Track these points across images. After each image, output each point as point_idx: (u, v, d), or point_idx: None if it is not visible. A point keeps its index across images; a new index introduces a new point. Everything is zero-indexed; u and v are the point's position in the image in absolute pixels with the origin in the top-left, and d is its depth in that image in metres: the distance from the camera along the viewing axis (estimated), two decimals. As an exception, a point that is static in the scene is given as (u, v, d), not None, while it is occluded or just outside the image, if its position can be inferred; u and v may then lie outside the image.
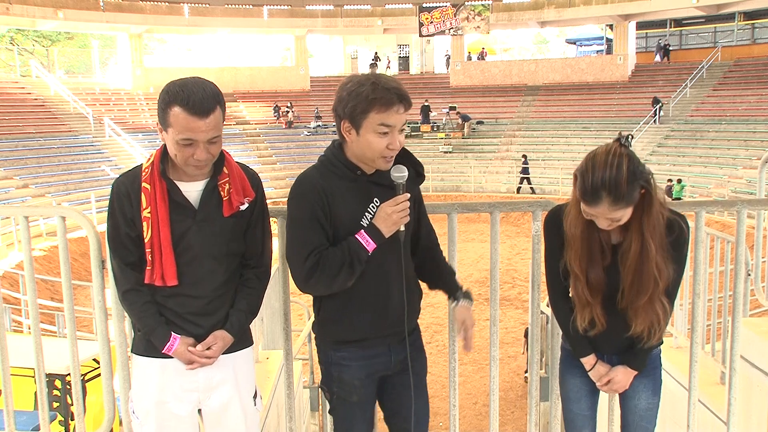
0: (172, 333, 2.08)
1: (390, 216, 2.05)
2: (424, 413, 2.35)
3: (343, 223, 2.07)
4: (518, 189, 23.26)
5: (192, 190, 2.08)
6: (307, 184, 2.10)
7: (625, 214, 2.04)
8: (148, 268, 2.04)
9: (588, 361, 2.29)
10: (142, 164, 2.09)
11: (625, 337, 2.22)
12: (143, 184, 2.03)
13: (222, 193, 2.08)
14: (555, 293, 2.33)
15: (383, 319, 2.17)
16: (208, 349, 2.09)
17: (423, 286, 2.35)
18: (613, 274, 2.16)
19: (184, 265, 2.06)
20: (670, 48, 31.34)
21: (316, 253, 2.04)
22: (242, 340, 2.21)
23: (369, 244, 2.05)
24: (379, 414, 2.44)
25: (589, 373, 2.30)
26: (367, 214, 2.09)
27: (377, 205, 2.09)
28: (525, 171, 23.29)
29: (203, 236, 2.07)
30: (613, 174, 1.97)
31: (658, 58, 31.16)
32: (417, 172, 2.20)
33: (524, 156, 23.83)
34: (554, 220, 2.24)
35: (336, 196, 2.07)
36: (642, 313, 2.14)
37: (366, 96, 1.98)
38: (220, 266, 2.10)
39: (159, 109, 1.99)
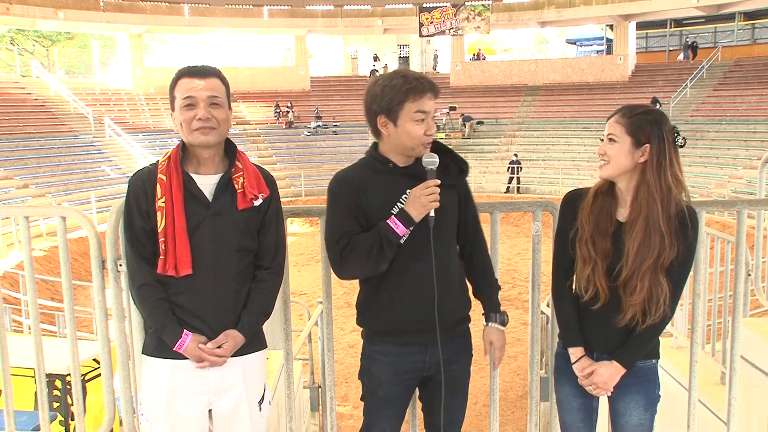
0: (184, 330, 2.07)
1: (419, 198, 2.10)
2: (458, 417, 2.36)
3: (375, 213, 2.15)
4: (507, 188, 23.03)
5: (206, 183, 2.11)
6: (340, 177, 2.23)
7: (621, 138, 2.12)
8: (161, 257, 2.04)
9: (575, 352, 2.25)
10: (158, 160, 2.13)
11: (619, 329, 2.18)
12: (159, 176, 2.07)
13: (236, 186, 2.11)
14: (558, 269, 2.30)
15: (415, 312, 2.18)
16: (219, 347, 2.09)
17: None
18: (616, 245, 2.15)
19: (195, 258, 2.07)
20: (698, 46, 30.16)
21: (346, 237, 2.15)
22: (254, 342, 2.21)
23: (398, 227, 2.11)
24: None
25: (573, 367, 2.25)
26: (399, 204, 2.16)
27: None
28: (513, 170, 23.08)
29: (216, 229, 2.08)
30: (638, 104, 2.19)
31: (681, 56, 29.89)
32: (460, 169, 2.26)
33: (515, 155, 23.62)
34: (571, 198, 2.29)
35: (368, 187, 2.16)
36: (640, 285, 2.10)
37: (400, 88, 2.11)
38: (231, 261, 2.11)
39: (169, 95, 2.12)
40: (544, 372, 5.76)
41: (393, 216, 2.12)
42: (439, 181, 2.12)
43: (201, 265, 2.08)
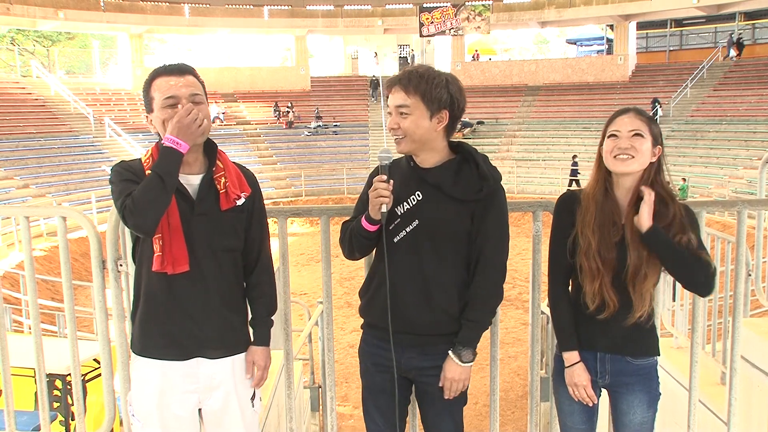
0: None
1: (369, 195, 2.12)
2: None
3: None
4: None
5: (189, 183, 2.09)
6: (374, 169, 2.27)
7: (646, 135, 2.11)
8: (158, 254, 2.02)
9: (570, 357, 2.25)
10: (140, 158, 2.12)
11: (624, 328, 2.18)
12: (147, 171, 2.04)
13: (218, 186, 2.10)
14: (555, 274, 2.28)
15: (385, 310, 2.17)
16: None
17: None
18: (621, 252, 2.15)
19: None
20: (744, 43, 28.54)
21: (347, 223, 2.30)
22: (242, 343, 2.22)
23: (365, 223, 2.16)
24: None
25: (565, 371, 2.26)
26: (405, 204, 2.15)
27: (419, 197, 2.16)
28: (574, 173, 22.55)
29: (201, 229, 2.08)
30: (639, 107, 2.23)
31: (729, 53, 28.28)
32: (480, 187, 2.14)
33: (574, 156, 22.93)
34: (567, 201, 2.27)
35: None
36: (649, 274, 2.14)
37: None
38: (216, 261, 2.11)
39: (144, 97, 2.10)
40: (545, 372, 5.76)
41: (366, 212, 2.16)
42: (384, 177, 2.09)
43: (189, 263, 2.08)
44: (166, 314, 2.08)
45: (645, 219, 2.09)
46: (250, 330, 2.28)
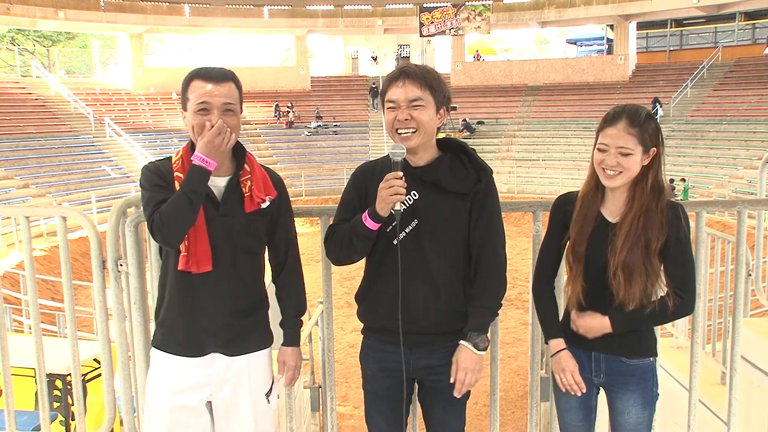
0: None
1: (379, 192, 2.05)
2: (455, 430, 2.31)
3: None
4: None
5: (215, 185, 2.12)
6: (360, 168, 2.29)
7: (635, 149, 2.10)
8: (183, 254, 2.05)
9: (555, 344, 2.25)
10: (171, 157, 2.15)
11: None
12: (176, 173, 2.08)
13: (244, 189, 2.13)
14: (541, 267, 2.33)
15: (394, 312, 2.15)
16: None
17: None
18: (603, 251, 2.16)
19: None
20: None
21: (334, 226, 2.22)
22: (259, 341, 2.25)
23: (367, 221, 2.10)
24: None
25: (551, 359, 2.26)
26: (403, 203, 2.11)
27: (415, 197, 2.14)
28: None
29: (223, 231, 2.10)
30: (635, 107, 2.16)
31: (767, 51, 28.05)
32: (478, 178, 2.16)
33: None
34: (562, 202, 2.29)
35: (376, 183, 2.12)
36: (637, 273, 2.12)
37: (386, 79, 2.17)
38: (236, 262, 2.14)
39: (182, 94, 2.11)
40: (545, 372, 5.76)
41: (367, 210, 2.10)
42: (401, 174, 2.03)
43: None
44: (187, 313, 2.12)
45: (601, 328, 2.17)
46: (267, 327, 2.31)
